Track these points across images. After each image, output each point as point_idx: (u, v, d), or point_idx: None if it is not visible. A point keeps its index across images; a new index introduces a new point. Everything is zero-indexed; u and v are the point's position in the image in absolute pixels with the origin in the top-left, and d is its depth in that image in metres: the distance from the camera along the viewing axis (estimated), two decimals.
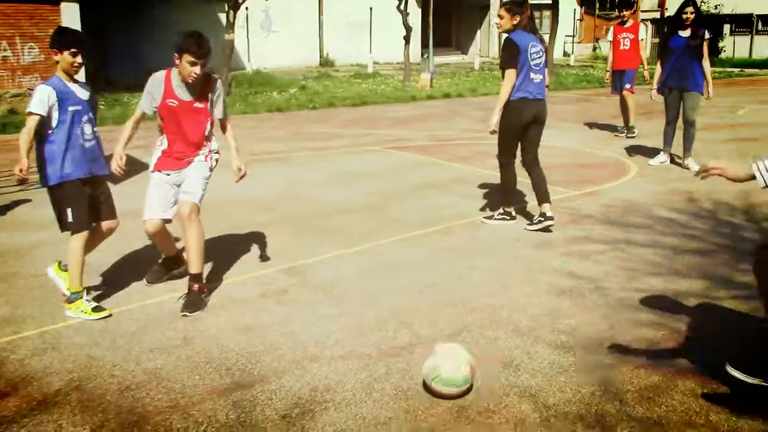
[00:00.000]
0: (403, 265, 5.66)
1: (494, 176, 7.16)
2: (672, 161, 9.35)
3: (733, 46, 33.18)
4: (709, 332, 4.34)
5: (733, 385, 3.55)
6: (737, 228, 6.47)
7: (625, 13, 11.60)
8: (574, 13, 36.18)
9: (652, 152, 9.81)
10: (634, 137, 11.47)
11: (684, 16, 8.72)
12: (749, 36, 33.14)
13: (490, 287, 5.14)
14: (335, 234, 6.47)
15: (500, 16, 6.38)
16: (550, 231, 6.40)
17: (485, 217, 6.84)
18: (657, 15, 37.21)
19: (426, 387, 3.66)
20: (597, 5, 37.16)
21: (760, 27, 33.03)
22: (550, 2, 23.06)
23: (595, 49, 38.11)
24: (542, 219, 6.45)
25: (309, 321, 4.56)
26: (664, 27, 22.79)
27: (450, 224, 6.74)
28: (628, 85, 11.59)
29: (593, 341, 4.23)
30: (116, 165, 4.64)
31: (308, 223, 6.81)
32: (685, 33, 8.73)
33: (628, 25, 11.57)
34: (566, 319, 4.55)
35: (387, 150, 10.84)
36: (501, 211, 6.77)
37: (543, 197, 6.50)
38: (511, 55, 6.25)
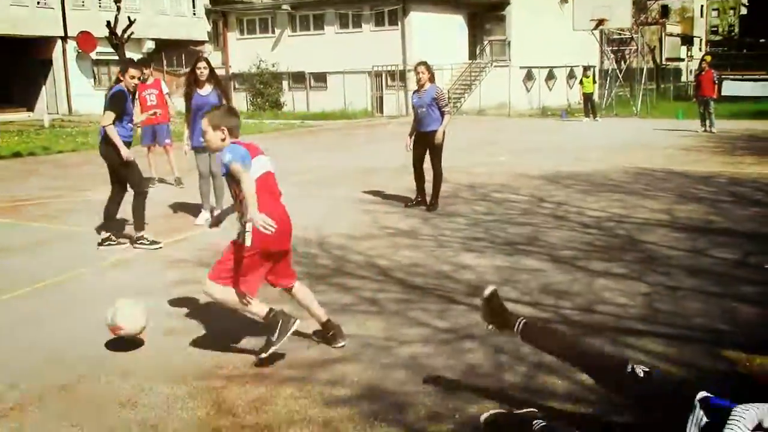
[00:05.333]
0: None
1: (75, 232, 7.15)
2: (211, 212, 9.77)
3: (293, 100, 36.62)
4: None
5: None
6: (314, 257, 7.40)
7: (145, 70, 11.99)
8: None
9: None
10: (182, 187, 12.01)
11: (198, 71, 8.60)
12: (305, 91, 36.88)
13: (95, 339, 5.17)
14: None
15: None
16: None
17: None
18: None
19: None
20: (165, 63, 37.90)
21: (313, 83, 36.96)
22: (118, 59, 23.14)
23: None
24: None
25: None
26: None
27: (35, 286, 6.58)
28: (168, 141, 12.38)
29: (205, 369, 4.61)
30: None
31: None
32: (204, 91, 8.68)
33: (150, 81, 12.30)
34: (177, 354, 4.87)
35: None
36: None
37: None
38: None
